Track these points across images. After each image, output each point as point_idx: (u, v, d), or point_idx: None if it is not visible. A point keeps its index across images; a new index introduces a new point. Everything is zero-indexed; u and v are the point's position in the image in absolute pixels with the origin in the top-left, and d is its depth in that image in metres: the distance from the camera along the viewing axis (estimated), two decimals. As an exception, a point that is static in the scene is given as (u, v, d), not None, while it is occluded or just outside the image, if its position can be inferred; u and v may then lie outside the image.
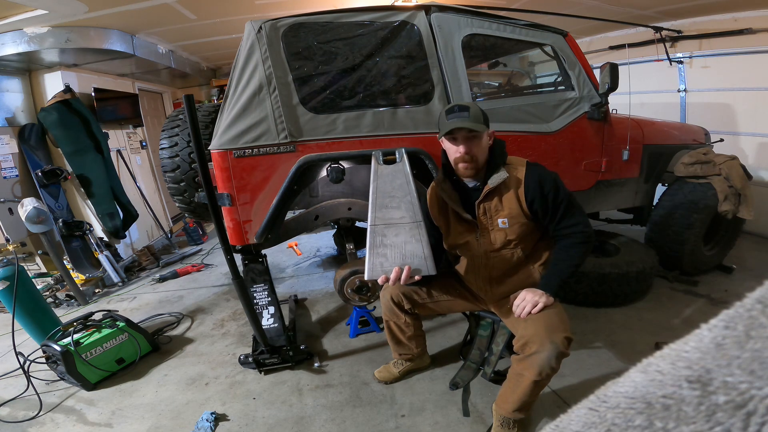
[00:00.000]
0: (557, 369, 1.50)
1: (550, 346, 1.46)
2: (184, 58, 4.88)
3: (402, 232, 1.46)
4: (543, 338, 1.47)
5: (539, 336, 1.49)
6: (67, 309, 3.41)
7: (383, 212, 1.50)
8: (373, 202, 1.53)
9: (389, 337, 2.06)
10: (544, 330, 1.49)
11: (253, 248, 2.26)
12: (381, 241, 1.48)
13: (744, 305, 0.23)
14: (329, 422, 1.88)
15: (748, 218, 2.90)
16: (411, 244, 1.45)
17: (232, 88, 2.03)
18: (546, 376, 1.51)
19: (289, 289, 3.39)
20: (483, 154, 1.60)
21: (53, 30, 3.15)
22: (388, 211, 1.50)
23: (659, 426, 0.22)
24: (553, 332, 1.48)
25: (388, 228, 1.48)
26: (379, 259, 1.48)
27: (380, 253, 1.48)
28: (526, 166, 1.62)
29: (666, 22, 4.07)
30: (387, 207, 1.50)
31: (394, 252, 1.46)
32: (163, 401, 2.11)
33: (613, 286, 2.58)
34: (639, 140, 2.81)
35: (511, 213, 1.61)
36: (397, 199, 1.49)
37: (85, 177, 3.81)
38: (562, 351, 1.47)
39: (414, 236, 1.44)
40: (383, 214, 1.50)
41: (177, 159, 2.70)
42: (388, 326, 2.02)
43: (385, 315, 1.98)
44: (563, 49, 2.44)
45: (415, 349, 2.07)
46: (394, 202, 1.49)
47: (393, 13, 2.16)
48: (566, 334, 1.49)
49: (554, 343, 1.46)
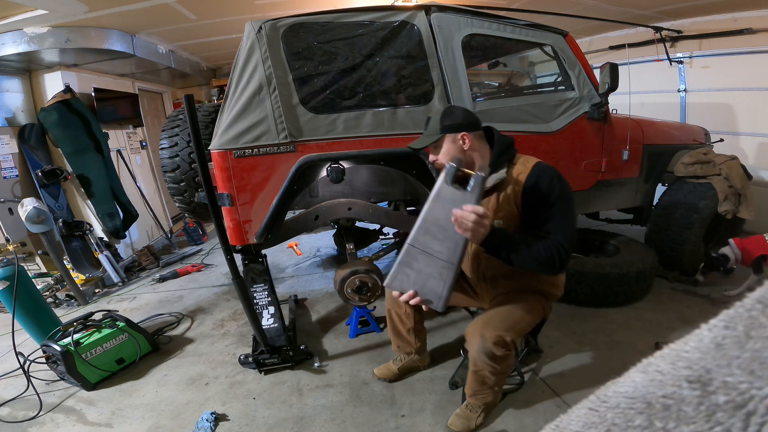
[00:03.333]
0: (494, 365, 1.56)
1: (478, 340, 1.53)
2: (184, 58, 4.88)
3: (432, 266, 1.40)
4: (475, 331, 1.56)
5: (474, 328, 1.58)
6: (67, 309, 3.41)
7: (425, 238, 1.40)
8: (421, 221, 1.41)
9: (390, 327, 2.09)
10: (480, 323, 1.58)
11: (253, 248, 2.26)
12: (411, 262, 1.44)
13: (744, 305, 0.23)
14: (329, 422, 1.88)
15: (748, 218, 2.90)
16: (435, 279, 1.40)
17: (232, 88, 2.03)
18: (482, 368, 1.59)
19: (289, 289, 3.39)
20: (449, 158, 1.53)
21: (53, 30, 3.15)
22: (430, 239, 1.40)
23: (659, 426, 0.22)
24: (487, 328, 1.54)
25: (422, 255, 1.41)
26: (402, 276, 1.46)
27: (406, 272, 1.45)
28: (533, 167, 1.54)
29: (666, 22, 4.07)
30: (431, 235, 1.39)
31: (417, 278, 1.43)
32: (163, 401, 2.11)
33: (613, 286, 2.58)
34: (639, 140, 2.81)
35: (507, 215, 1.56)
36: (445, 232, 1.37)
37: (85, 177, 3.81)
38: (488, 347, 1.52)
39: (441, 275, 1.39)
40: (424, 240, 1.40)
41: (177, 159, 2.70)
42: (389, 316, 2.05)
43: (387, 303, 2.03)
44: (563, 49, 2.44)
45: (415, 344, 2.08)
46: (441, 234, 1.38)
47: (393, 13, 2.16)
48: (499, 333, 1.52)
49: (483, 338, 1.53)
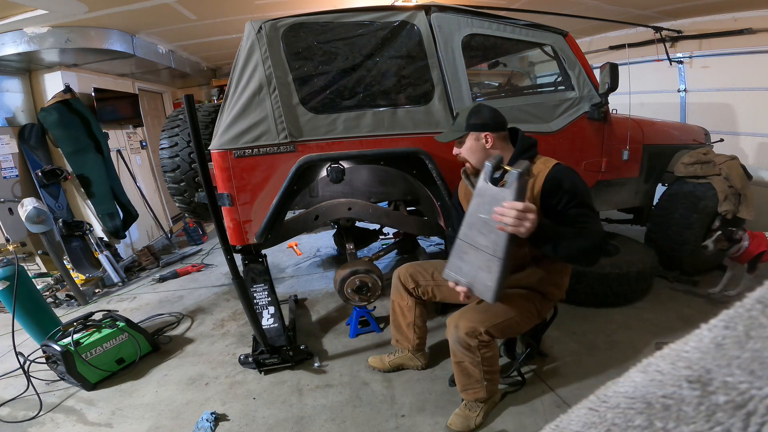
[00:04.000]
0: (471, 355, 1.61)
1: (452, 330, 1.62)
2: (184, 58, 4.88)
3: (481, 259, 1.44)
4: (451, 321, 1.64)
5: (451, 318, 1.65)
6: (67, 309, 3.41)
7: (472, 233, 1.46)
8: (467, 216, 1.49)
9: (392, 320, 2.14)
10: (458, 314, 1.65)
11: (253, 248, 2.26)
12: (462, 255, 1.50)
13: (744, 305, 0.23)
14: (329, 422, 1.88)
15: (748, 218, 2.90)
16: (484, 272, 1.43)
17: (232, 88, 2.03)
18: (461, 359, 1.65)
19: (289, 289, 3.39)
20: (472, 155, 1.64)
21: (53, 30, 3.15)
22: (476, 234, 1.44)
23: (659, 426, 0.22)
24: (462, 318, 1.62)
25: (471, 248, 1.47)
26: (455, 267, 1.52)
27: (458, 264, 1.51)
28: (553, 166, 1.56)
29: (666, 22, 4.07)
30: (476, 230, 1.45)
31: (469, 269, 1.48)
32: (163, 401, 2.11)
33: (613, 286, 2.58)
34: (639, 140, 2.80)
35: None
36: (488, 227, 1.40)
37: (85, 177, 3.81)
38: (461, 336, 1.59)
39: (489, 268, 1.42)
40: (471, 235, 1.46)
41: (177, 159, 2.70)
42: (392, 307, 2.11)
43: (392, 294, 2.08)
44: (563, 49, 2.44)
45: (413, 340, 2.10)
46: (485, 229, 1.41)
47: (393, 13, 2.16)
48: (472, 324, 1.58)
49: (456, 328, 1.60)
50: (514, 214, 1.29)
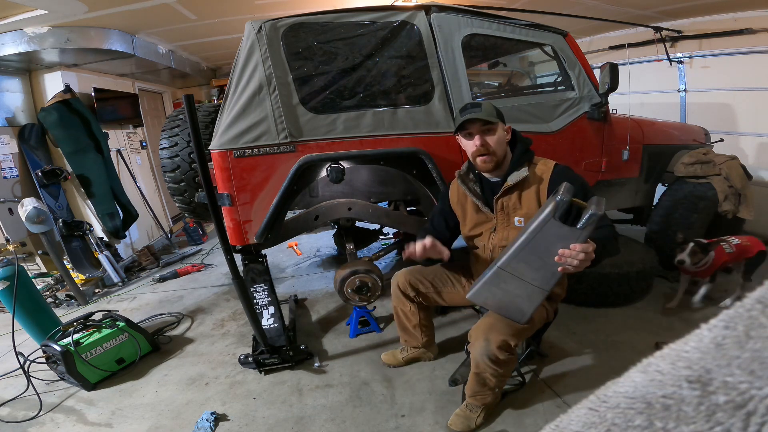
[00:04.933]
0: (496, 368, 1.57)
1: (483, 343, 1.55)
2: (184, 58, 4.88)
3: (522, 289, 1.37)
4: (479, 334, 1.58)
5: (478, 331, 1.59)
6: (67, 309, 3.41)
7: (519, 265, 1.36)
8: (517, 249, 1.36)
9: (398, 323, 2.14)
10: (484, 327, 1.59)
11: (253, 248, 2.26)
12: (499, 283, 1.41)
13: (744, 305, 0.23)
14: (329, 422, 1.88)
15: (748, 218, 2.90)
16: (522, 300, 1.38)
17: (232, 88, 2.03)
18: (484, 371, 1.60)
19: (289, 289, 3.39)
20: (500, 147, 1.61)
21: (53, 30, 3.15)
22: (524, 267, 1.35)
23: (659, 426, 0.22)
24: (492, 331, 1.55)
25: (512, 278, 1.38)
26: (487, 293, 1.45)
27: (492, 290, 1.44)
28: (554, 167, 1.61)
29: (666, 22, 4.07)
30: (526, 263, 1.35)
31: (504, 296, 1.41)
32: (163, 401, 2.11)
33: (613, 286, 2.58)
34: (639, 140, 2.80)
35: (528, 212, 1.61)
36: (543, 262, 1.31)
37: (85, 177, 3.81)
38: (492, 351, 1.53)
39: (530, 297, 1.37)
40: (517, 267, 1.36)
41: (177, 159, 2.70)
42: (396, 312, 2.11)
43: (393, 301, 2.08)
44: (563, 49, 2.44)
45: (422, 338, 2.12)
46: (538, 263, 1.32)
47: (393, 13, 2.16)
48: (504, 337, 1.53)
49: (487, 341, 1.54)
50: (582, 257, 1.24)
